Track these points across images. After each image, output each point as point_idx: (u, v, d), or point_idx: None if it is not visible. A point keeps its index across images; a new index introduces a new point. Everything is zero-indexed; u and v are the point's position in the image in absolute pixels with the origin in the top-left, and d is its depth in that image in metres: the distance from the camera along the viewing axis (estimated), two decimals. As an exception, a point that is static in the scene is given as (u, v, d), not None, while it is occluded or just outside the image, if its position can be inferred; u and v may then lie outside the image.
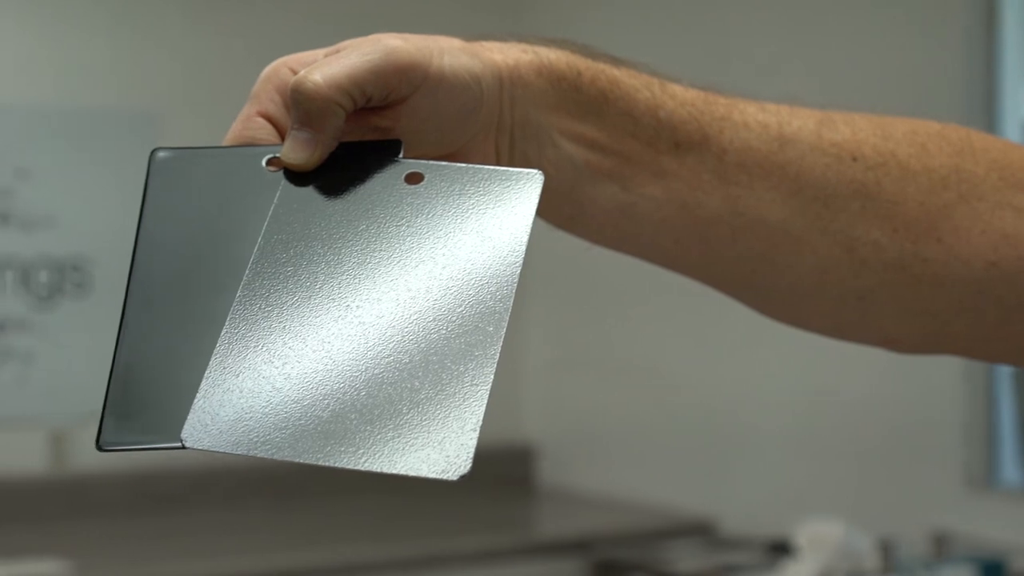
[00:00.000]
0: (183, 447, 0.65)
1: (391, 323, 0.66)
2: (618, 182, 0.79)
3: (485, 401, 0.65)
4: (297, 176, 0.71)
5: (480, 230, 0.69)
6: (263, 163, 0.72)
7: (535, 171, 0.70)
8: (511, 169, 0.70)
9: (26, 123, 3.37)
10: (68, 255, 3.39)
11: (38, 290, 3.37)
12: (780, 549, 3.19)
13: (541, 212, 0.69)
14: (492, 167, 0.71)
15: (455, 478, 0.63)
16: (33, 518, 3.28)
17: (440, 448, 0.63)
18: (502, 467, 3.82)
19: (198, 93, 3.40)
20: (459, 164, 0.71)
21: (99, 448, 0.67)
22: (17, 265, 3.35)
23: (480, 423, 0.64)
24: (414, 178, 0.70)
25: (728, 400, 3.51)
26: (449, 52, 0.73)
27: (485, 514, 3.57)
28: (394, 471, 0.63)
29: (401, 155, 0.72)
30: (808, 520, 3.05)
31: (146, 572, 2.96)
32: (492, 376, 0.65)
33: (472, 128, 0.74)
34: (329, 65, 0.70)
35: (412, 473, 0.63)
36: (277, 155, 0.71)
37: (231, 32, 3.58)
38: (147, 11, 3.52)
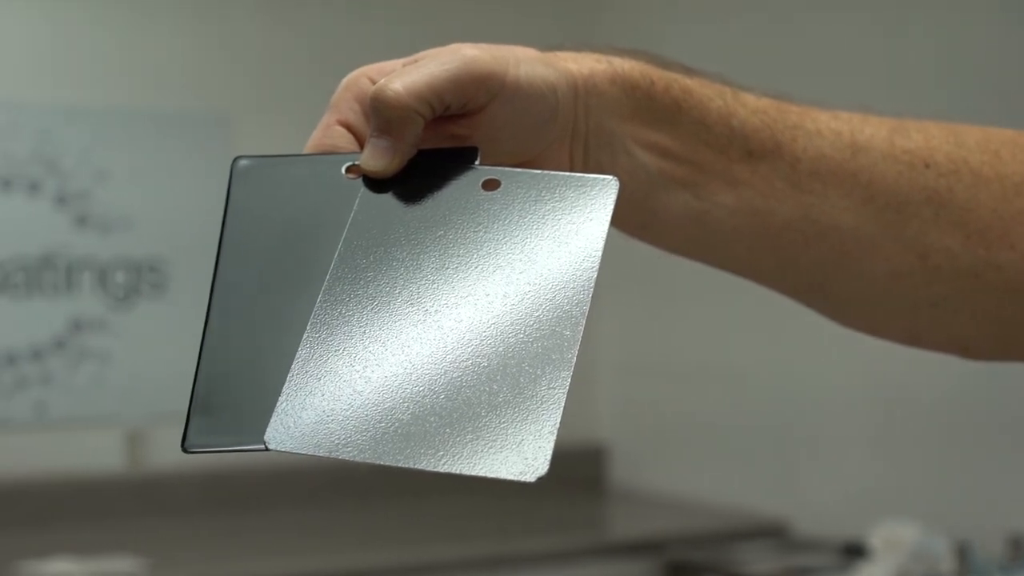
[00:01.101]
0: (266, 449, 0.66)
1: (469, 328, 0.67)
2: (691, 190, 0.79)
3: (563, 404, 0.65)
4: (376, 183, 0.72)
5: (556, 236, 0.69)
6: (343, 171, 0.73)
7: (611, 177, 0.70)
8: (587, 175, 0.71)
9: (103, 126, 3.41)
10: (145, 256, 3.43)
11: (115, 291, 3.41)
12: (854, 551, 3.17)
13: (614, 220, 0.69)
14: (568, 173, 0.72)
15: (532, 480, 0.64)
16: (110, 516, 3.32)
17: (518, 450, 0.64)
18: (574, 468, 3.82)
19: (271, 95, 3.43)
20: (535, 171, 0.72)
21: (184, 450, 0.68)
22: (95, 266, 3.39)
23: (557, 426, 0.65)
24: (491, 184, 0.71)
25: (801, 400, 3.50)
26: (525, 62, 0.73)
27: (557, 515, 3.58)
28: (473, 473, 0.64)
29: (478, 162, 0.72)
30: (883, 522, 3.03)
31: (220, 570, 2.98)
32: (569, 380, 0.65)
33: (547, 137, 0.75)
34: (408, 74, 0.71)
35: (491, 475, 0.64)
36: (356, 163, 0.72)
37: (304, 34, 3.61)
38: (221, 14, 3.55)
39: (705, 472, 3.68)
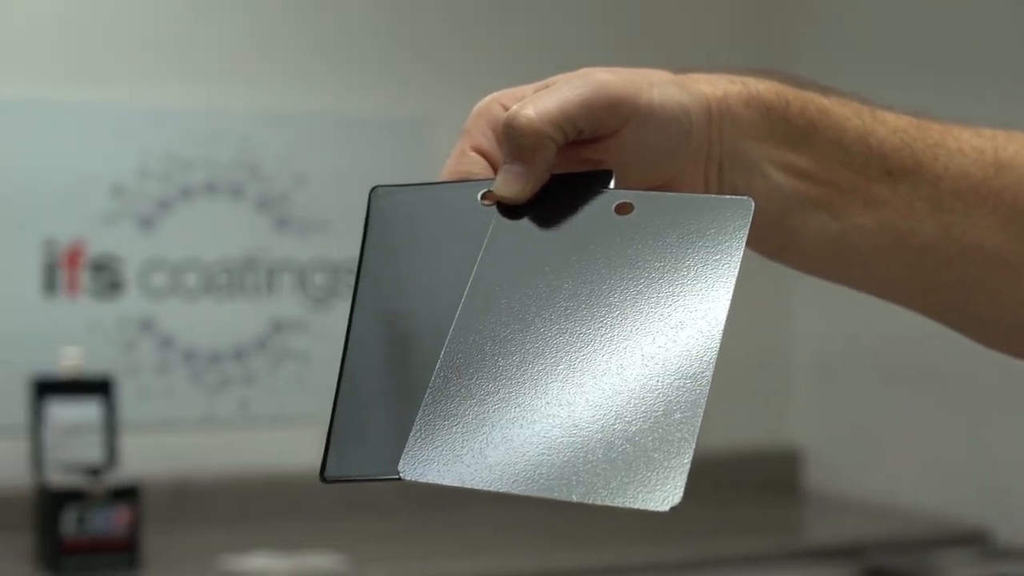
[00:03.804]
0: (400, 479, 0.66)
1: (602, 357, 0.66)
2: (828, 211, 0.78)
3: (696, 432, 0.64)
4: (510, 209, 0.72)
5: (691, 259, 0.68)
6: (478, 197, 0.73)
7: (746, 198, 0.69)
8: (721, 197, 0.70)
9: (301, 130, 3.48)
10: (342, 259, 3.49)
11: (314, 292, 3.48)
12: (1060, 560, 3.07)
13: (751, 243, 0.68)
14: (702, 195, 0.71)
15: (665, 508, 0.63)
16: (309, 513, 3.38)
17: (652, 479, 0.64)
18: (769, 471, 3.78)
19: (465, 99, 3.45)
20: (669, 193, 0.71)
21: (323, 480, 0.69)
22: (294, 268, 3.46)
23: (691, 455, 0.64)
24: (624, 208, 0.71)
25: (1005, 402, 3.40)
26: (658, 85, 0.73)
27: (751, 518, 3.54)
28: (605, 503, 0.64)
29: (612, 185, 0.72)
30: (1091, 530, 2.93)
31: (419, 568, 3.01)
32: (703, 407, 0.65)
33: (681, 159, 0.75)
34: (541, 99, 0.71)
35: (623, 505, 0.64)
36: (491, 189, 0.72)
37: (495, 40, 3.63)
38: (417, 18, 3.59)
39: (903, 476, 3.61)
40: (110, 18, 3.33)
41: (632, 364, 0.66)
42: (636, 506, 0.63)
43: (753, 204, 0.69)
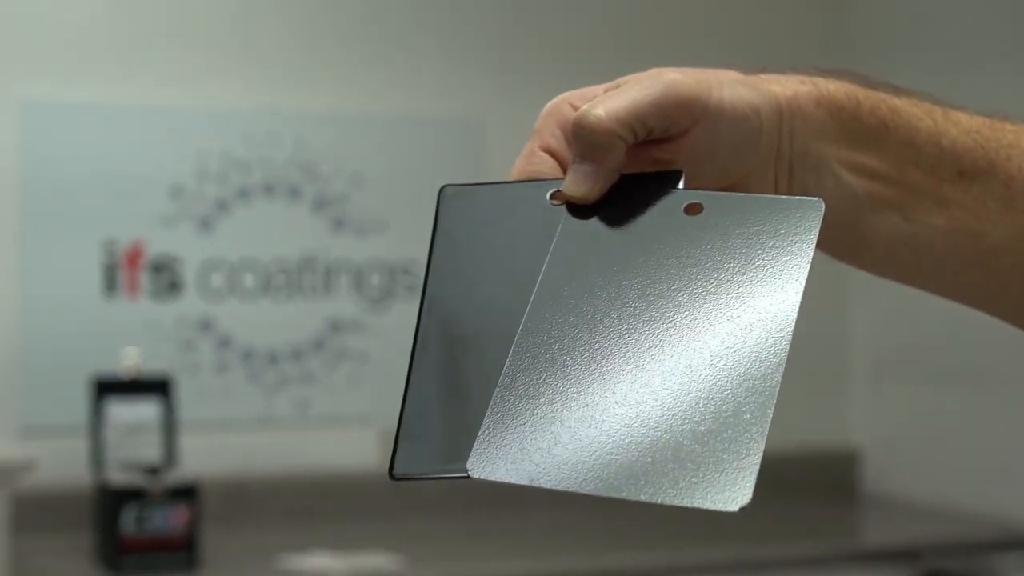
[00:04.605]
0: (468, 477, 0.66)
1: (670, 357, 0.66)
2: (899, 212, 0.78)
3: (766, 432, 0.64)
4: (579, 209, 0.72)
5: (760, 260, 0.68)
6: (547, 197, 0.73)
7: (816, 199, 0.69)
8: (791, 198, 0.70)
9: (358, 131, 3.49)
10: (398, 259, 3.50)
11: (370, 293, 3.49)
12: (1122, 564, 3.04)
13: (821, 244, 0.68)
14: (772, 196, 0.71)
15: (735, 508, 0.63)
16: (365, 513, 3.39)
17: (721, 479, 0.64)
18: (826, 472, 3.76)
19: (520, 100, 3.45)
20: (738, 193, 0.71)
21: (392, 476, 0.69)
22: (351, 269, 3.47)
23: (761, 455, 0.64)
24: (693, 208, 0.70)
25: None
26: (728, 85, 0.73)
27: (809, 520, 3.53)
28: (674, 503, 0.64)
29: (681, 185, 0.72)
30: None
31: (474, 569, 3.01)
32: (773, 407, 0.64)
33: (751, 160, 0.74)
34: (611, 99, 0.71)
35: (692, 505, 0.63)
36: (560, 189, 0.73)
37: (554, 40, 3.63)
38: (473, 21, 3.59)
39: (962, 477, 3.58)
40: (168, 20, 3.35)
41: (701, 364, 0.66)
42: (705, 506, 0.63)
43: (823, 205, 0.68)
